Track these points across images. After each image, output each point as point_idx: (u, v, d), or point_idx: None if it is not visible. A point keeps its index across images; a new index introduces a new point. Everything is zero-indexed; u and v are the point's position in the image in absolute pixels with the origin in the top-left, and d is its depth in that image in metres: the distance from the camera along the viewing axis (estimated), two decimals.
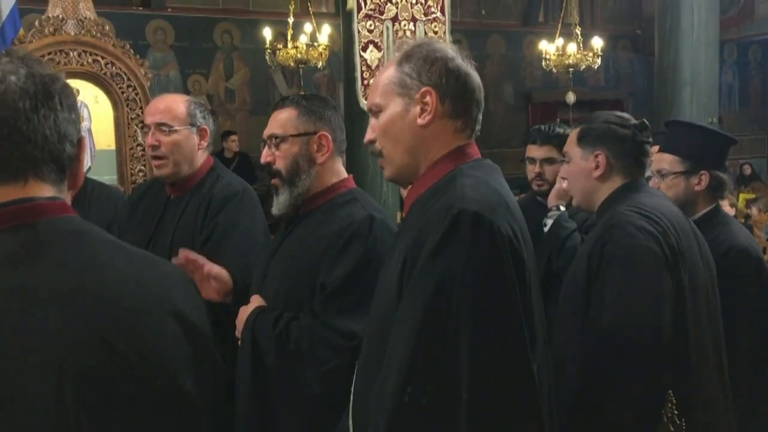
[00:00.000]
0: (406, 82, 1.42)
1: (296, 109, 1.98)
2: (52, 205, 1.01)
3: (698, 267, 1.91)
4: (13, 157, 0.98)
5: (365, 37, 5.63)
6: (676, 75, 7.43)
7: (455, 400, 1.22)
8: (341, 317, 1.79)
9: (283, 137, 1.96)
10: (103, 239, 1.06)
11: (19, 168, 0.99)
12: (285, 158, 1.96)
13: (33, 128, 0.99)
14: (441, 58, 1.43)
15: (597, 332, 1.80)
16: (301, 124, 1.96)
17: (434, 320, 1.24)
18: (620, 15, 12.49)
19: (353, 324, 1.75)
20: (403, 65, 1.44)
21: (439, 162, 1.44)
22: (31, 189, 1.00)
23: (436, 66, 1.42)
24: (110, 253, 1.04)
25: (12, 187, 0.99)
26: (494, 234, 1.27)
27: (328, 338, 1.78)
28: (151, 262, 1.10)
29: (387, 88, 1.45)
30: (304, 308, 1.86)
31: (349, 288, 1.80)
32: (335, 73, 9.57)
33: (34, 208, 0.99)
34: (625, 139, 1.97)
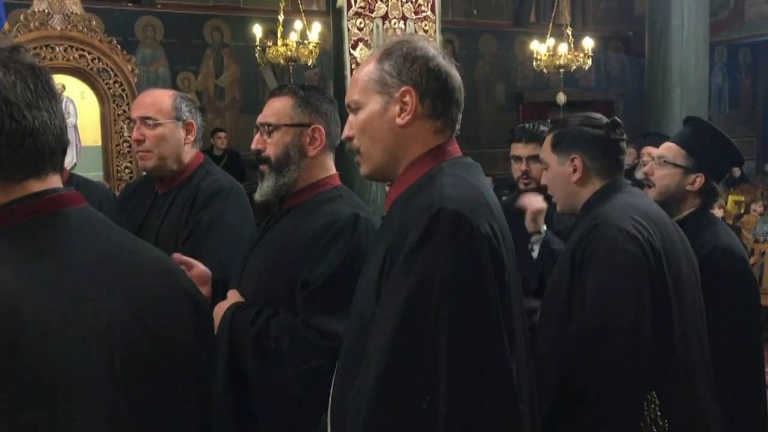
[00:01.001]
0: (386, 80, 1.40)
1: (293, 98, 1.95)
2: (71, 196, 1.06)
3: (682, 267, 1.91)
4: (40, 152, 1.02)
5: (355, 35, 5.61)
6: (666, 76, 7.45)
7: (433, 399, 1.20)
8: (323, 317, 1.76)
9: (277, 126, 1.93)
10: (115, 227, 1.13)
11: (42, 162, 1.03)
12: (276, 146, 1.93)
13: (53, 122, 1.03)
14: (422, 56, 1.40)
15: (577, 332, 1.79)
16: (296, 115, 1.93)
17: (412, 320, 1.22)
18: (611, 16, 12.52)
19: (335, 324, 1.73)
20: (383, 62, 1.41)
21: (418, 160, 1.42)
22: (50, 181, 1.04)
23: (416, 64, 1.40)
24: (125, 239, 1.13)
25: (34, 181, 1.02)
26: (473, 233, 1.25)
27: (309, 338, 1.75)
28: (155, 248, 1.22)
29: (366, 85, 1.43)
30: (285, 306, 1.82)
31: (332, 287, 1.78)
32: (326, 71, 9.54)
33: (57, 199, 1.04)
34: (598, 140, 1.96)
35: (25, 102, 0.99)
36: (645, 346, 1.74)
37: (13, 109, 0.98)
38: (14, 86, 0.98)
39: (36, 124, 1.00)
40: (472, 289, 1.24)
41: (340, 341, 1.69)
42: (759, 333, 2.23)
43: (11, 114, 0.98)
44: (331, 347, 1.72)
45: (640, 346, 1.73)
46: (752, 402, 2.18)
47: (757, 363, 2.19)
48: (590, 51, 9.08)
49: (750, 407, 2.17)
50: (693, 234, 2.09)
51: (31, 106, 1.00)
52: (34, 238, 1.00)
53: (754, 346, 2.19)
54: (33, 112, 1.00)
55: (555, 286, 1.94)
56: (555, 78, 9.96)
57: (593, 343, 1.75)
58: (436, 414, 1.20)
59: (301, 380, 1.75)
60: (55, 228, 1.02)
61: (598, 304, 1.76)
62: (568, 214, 2.14)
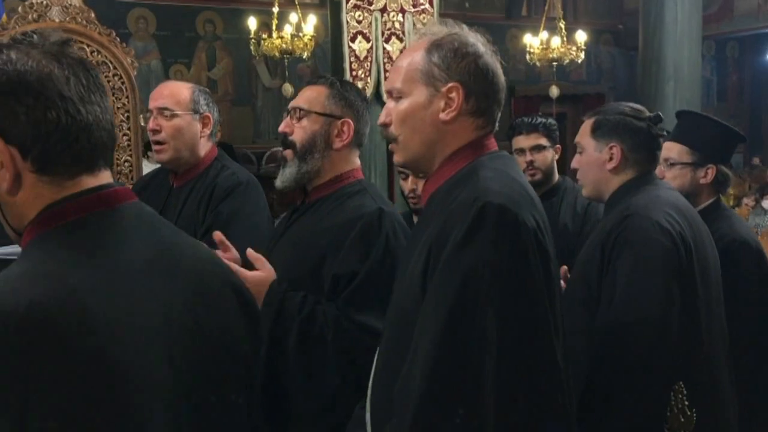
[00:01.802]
0: (434, 72, 1.39)
1: (329, 89, 1.96)
2: (125, 192, 1.07)
3: (709, 260, 1.93)
4: (93, 148, 1.02)
5: (354, 27, 5.60)
6: (660, 69, 7.49)
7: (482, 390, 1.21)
8: (364, 314, 1.78)
9: (308, 112, 1.94)
10: (164, 221, 1.15)
11: (94, 157, 1.03)
12: (304, 132, 1.94)
13: (104, 117, 1.03)
14: (472, 53, 1.40)
15: (605, 321, 1.81)
16: (328, 105, 1.95)
17: (461, 312, 1.23)
18: (602, 9, 12.55)
19: (375, 321, 1.74)
20: (432, 53, 1.40)
21: (457, 153, 1.42)
22: (102, 176, 1.05)
23: (465, 61, 1.39)
24: (173, 234, 1.14)
25: (87, 177, 1.03)
26: (519, 226, 1.26)
27: (351, 331, 1.77)
28: (198, 242, 1.22)
29: (412, 74, 1.41)
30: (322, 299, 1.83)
31: (369, 286, 1.80)
32: (319, 64, 9.50)
33: (112, 195, 1.04)
34: (639, 132, 1.97)
35: (78, 96, 0.99)
36: (671, 340, 1.76)
37: (68, 104, 0.97)
38: (68, 81, 0.98)
39: (90, 118, 1.00)
40: (520, 281, 1.25)
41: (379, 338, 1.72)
42: None
43: (66, 109, 0.97)
44: (370, 343, 1.73)
45: (666, 340, 1.75)
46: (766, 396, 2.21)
47: None
48: (583, 44, 9.10)
49: (766, 398, 2.20)
50: (710, 226, 2.11)
51: (84, 101, 0.99)
52: (92, 234, 1.00)
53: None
54: (86, 106, 0.99)
55: (580, 273, 1.96)
56: (547, 71, 9.97)
57: (622, 333, 1.77)
58: (485, 404, 1.21)
59: (340, 370, 1.77)
60: (111, 224, 1.02)
61: (627, 297, 1.78)
62: (593, 200, 2.16)
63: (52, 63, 0.98)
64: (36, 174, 0.99)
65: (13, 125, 0.96)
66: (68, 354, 0.89)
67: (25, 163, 0.98)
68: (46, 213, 1.00)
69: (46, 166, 0.99)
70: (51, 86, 0.97)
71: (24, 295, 0.89)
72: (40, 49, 0.98)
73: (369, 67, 5.63)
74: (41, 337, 0.88)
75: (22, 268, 0.97)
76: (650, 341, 1.74)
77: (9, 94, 0.95)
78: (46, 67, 0.97)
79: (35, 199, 1.00)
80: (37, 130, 0.96)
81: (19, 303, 0.88)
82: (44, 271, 0.94)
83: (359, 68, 5.59)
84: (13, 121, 0.96)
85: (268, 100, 9.68)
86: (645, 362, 1.74)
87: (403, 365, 1.31)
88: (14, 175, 0.98)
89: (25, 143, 0.97)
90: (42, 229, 1.00)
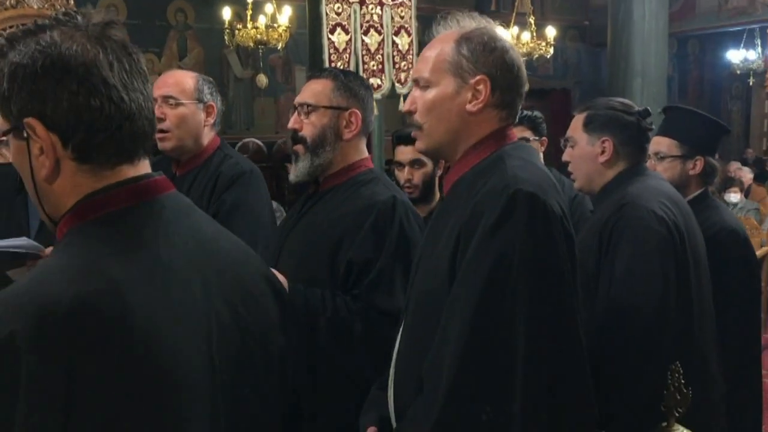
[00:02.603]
0: (462, 64, 1.44)
1: (333, 81, 1.99)
2: (164, 182, 1.03)
3: (699, 247, 2.03)
4: (135, 137, 0.98)
5: (333, 19, 5.61)
6: (628, 66, 7.66)
7: (513, 370, 1.28)
8: (384, 299, 1.83)
9: (315, 107, 1.97)
10: (201, 212, 1.11)
11: (135, 146, 0.99)
12: (313, 127, 1.97)
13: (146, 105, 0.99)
14: (500, 48, 1.45)
15: (605, 304, 1.89)
16: (335, 98, 1.98)
17: (492, 295, 1.30)
18: (569, 6, 12.75)
19: (395, 304, 1.80)
20: (462, 46, 1.45)
21: (481, 143, 1.48)
22: (142, 166, 1.01)
23: (494, 55, 1.44)
24: (209, 224, 1.11)
25: (128, 166, 0.99)
26: (548, 213, 1.33)
27: (377, 320, 1.83)
28: (230, 233, 1.16)
29: (441, 65, 1.46)
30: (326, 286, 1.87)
31: (387, 272, 1.85)
32: (291, 55, 9.48)
33: (151, 185, 1.01)
34: (630, 126, 2.06)
35: (122, 83, 0.94)
36: (669, 323, 1.86)
37: (112, 91, 0.93)
38: (111, 66, 0.94)
39: (133, 107, 0.96)
40: (549, 265, 1.32)
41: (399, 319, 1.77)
42: (759, 311, 2.39)
43: (110, 96, 0.93)
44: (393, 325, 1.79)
45: (664, 323, 1.85)
46: (751, 378, 2.33)
47: (757, 341, 2.35)
48: (552, 40, 9.26)
49: (748, 383, 2.32)
50: (699, 215, 2.22)
51: (128, 88, 0.95)
52: (132, 225, 0.97)
53: (755, 324, 2.35)
54: (130, 94, 0.95)
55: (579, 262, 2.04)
56: None
57: (621, 319, 1.86)
58: (514, 379, 1.28)
59: (373, 360, 1.79)
60: (150, 216, 0.99)
61: (626, 282, 1.87)
62: (585, 192, 2.24)
63: (96, 47, 0.93)
64: (76, 162, 0.95)
65: (54, 111, 0.92)
66: (112, 349, 0.87)
67: (65, 151, 0.94)
68: (84, 203, 0.97)
69: (86, 155, 0.95)
70: (95, 72, 0.92)
71: (68, 288, 0.86)
72: (84, 31, 0.94)
73: (348, 58, 5.65)
74: (86, 331, 0.85)
75: (62, 260, 0.94)
76: (650, 324, 1.84)
77: (52, 78, 0.91)
78: (90, 52, 0.92)
79: (73, 188, 0.97)
80: (79, 117, 0.92)
81: (63, 296, 0.85)
82: (85, 264, 0.91)
83: (338, 60, 5.61)
84: (55, 107, 0.92)
85: (240, 91, 9.62)
86: (644, 344, 1.83)
87: (429, 346, 1.37)
88: (54, 163, 0.95)
89: (67, 131, 0.93)
90: (80, 219, 0.97)
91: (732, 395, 2.17)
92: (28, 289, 0.89)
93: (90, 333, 0.85)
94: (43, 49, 0.92)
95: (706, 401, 1.99)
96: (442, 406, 1.29)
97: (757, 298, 2.37)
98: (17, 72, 0.93)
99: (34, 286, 0.90)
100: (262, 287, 1.12)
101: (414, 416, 1.37)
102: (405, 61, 5.20)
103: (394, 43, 5.14)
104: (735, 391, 2.22)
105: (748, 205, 7.66)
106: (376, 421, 1.57)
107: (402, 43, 5.25)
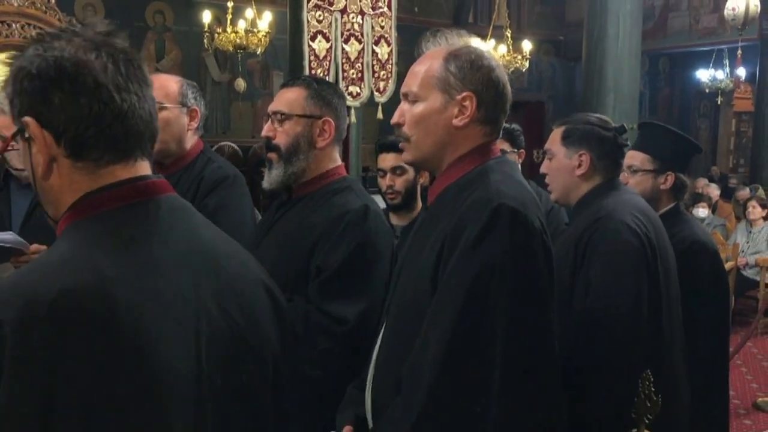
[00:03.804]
0: (450, 80, 1.48)
1: (306, 90, 2.00)
2: (162, 184, 1.06)
3: (669, 258, 2.10)
4: (127, 136, 1.01)
5: (314, 27, 5.64)
6: (602, 81, 7.81)
7: (490, 373, 1.33)
8: (335, 303, 1.84)
9: (288, 115, 1.98)
10: (198, 215, 1.12)
11: (129, 146, 1.02)
12: (287, 135, 1.97)
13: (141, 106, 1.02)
14: (486, 66, 1.50)
15: (580, 313, 1.95)
16: (308, 106, 1.98)
17: (474, 302, 1.34)
18: (545, 20, 12.96)
19: (346, 309, 1.81)
20: (450, 63, 1.49)
21: (466, 156, 1.52)
22: (140, 167, 1.04)
23: (480, 73, 1.49)
24: (207, 228, 1.12)
25: (123, 166, 1.02)
26: (529, 227, 1.38)
27: (321, 323, 1.83)
28: (227, 236, 1.17)
29: (429, 80, 1.50)
30: (298, 293, 1.88)
31: (344, 275, 1.85)
32: (270, 60, 9.50)
33: (149, 186, 1.03)
34: (606, 141, 2.13)
35: (114, 84, 0.98)
36: (642, 332, 1.92)
37: (102, 91, 0.97)
38: (105, 69, 0.98)
39: (124, 106, 0.99)
40: (529, 277, 1.37)
41: (350, 326, 1.79)
42: (728, 322, 2.46)
43: (99, 96, 0.97)
44: (341, 331, 1.81)
45: (637, 332, 1.91)
46: (720, 385, 2.41)
47: (725, 351, 2.43)
48: (528, 53, 9.41)
49: (718, 390, 2.40)
50: (670, 229, 2.29)
51: (120, 89, 0.98)
52: (127, 225, 0.99)
53: (724, 334, 2.42)
54: (122, 94, 0.99)
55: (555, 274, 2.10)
56: None
57: (595, 328, 1.91)
58: (492, 384, 1.33)
59: (316, 363, 1.81)
60: (146, 216, 1.01)
61: (600, 292, 1.92)
62: (561, 204, 2.30)
63: (91, 50, 0.98)
64: (70, 159, 0.99)
65: (48, 110, 0.97)
66: (95, 343, 0.88)
67: (59, 148, 0.98)
68: (82, 202, 1.00)
69: (79, 152, 0.99)
70: (86, 73, 0.96)
71: (55, 281, 0.89)
72: (82, 37, 0.99)
73: (328, 66, 5.69)
74: (70, 324, 0.87)
75: (55, 255, 0.96)
76: (623, 332, 1.89)
77: (46, 79, 0.96)
78: (84, 55, 0.97)
79: (71, 185, 1.00)
80: (70, 115, 0.97)
81: (50, 289, 0.88)
82: (76, 259, 0.93)
83: (318, 67, 5.65)
84: (48, 105, 0.96)
85: (217, 94, 9.62)
86: (618, 352, 1.88)
87: (410, 350, 1.40)
88: (48, 159, 0.99)
89: (59, 128, 0.97)
90: (78, 217, 1.00)
91: (701, 403, 2.24)
92: (17, 282, 0.92)
93: (73, 327, 0.87)
94: (42, 53, 0.97)
95: (673, 408, 2.05)
96: (422, 407, 1.33)
97: (726, 308, 2.44)
98: (18, 75, 0.98)
99: (24, 279, 0.93)
100: (260, 295, 1.13)
101: (392, 417, 1.41)
102: (384, 70, 5.26)
103: (373, 52, 5.19)
104: (704, 398, 2.28)
105: (715, 221, 7.85)
106: (353, 420, 1.60)
107: (382, 52, 5.31)
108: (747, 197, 8.04)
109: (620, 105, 7.75)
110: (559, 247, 2.14)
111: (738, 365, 5.78)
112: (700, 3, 11.87)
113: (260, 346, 1.09)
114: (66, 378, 0.85)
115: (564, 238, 2.19)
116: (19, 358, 0.84)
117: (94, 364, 0.87)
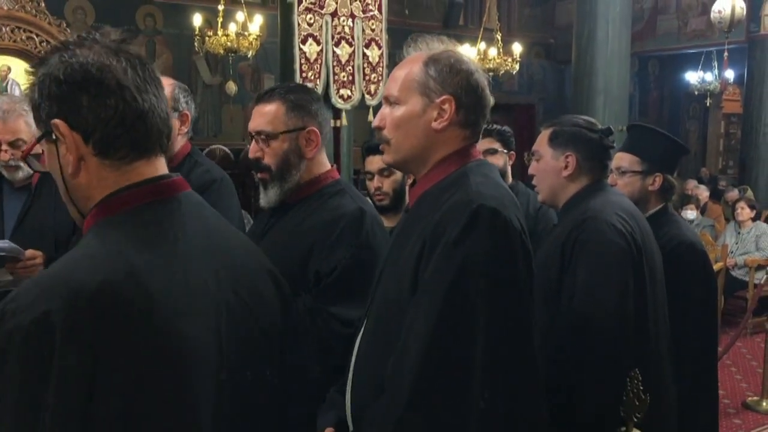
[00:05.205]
0: (429, 84, 1.49)
1: (284, 103, 1.96)
2: (181, 182, 1.15)
3: (655, 259, 2.12)
4: (149, 134, 1.09)
5: (305, 30, 5.65)
6: (592, 84, 7.88)
7: (470, 374, 1.34)
8: (339, 306, 1.86)
9: (273, 134, 1.95)
10: (212, 210, 1.22)
11: (150, 143, 1.10)
12: (275, 155, 1.95)
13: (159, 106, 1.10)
14: (465, 70, 1.51)
15: (567, 313, 1.97)
16: (290, 120, 1.95)
17: (454, 302, 1.36)
18: (535, 23, 13.02)
19: (351, 312, 1.82)
20: (430, 67, 1.50)
21: (446, 159, 1.54)
22: (158, 163, 1.12)
23: (459, 77, 1.50)
24: (219, 221, 1.22)
25: (145, 163, 1.10)
26: (508, 228, 1.40)
27: (328, 321, 1.86)
28: (236, 229, 1.29)
29: (409, 84, 1.51)
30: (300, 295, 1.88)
31: (345, 279, 1.87)
32: (261, 63, 9.50)
33: (171, 184, 1.12)
34: (593, 143, 2.15)
35: (135, 85, 1.06)
36: (628, 331, 1.94)
37: (125, 92, 1.05)
38: (125, 71, 1.06)
39: (146, 106, 1.07)
40: (508, 277, 1.39)
41: (354, 329, 1.80)
42: (716, 321, 2.49)
43: (123, 96, 1.05)
44: (346, 333, 1.80)
45: (623, 331, 1.93)
46: (708, 382, 2.43)
47: (714, 350, 2.45)
48: (518, 56, 9.45)
49: (705, 388, 2.42)
50: (659, 230, 2.31)
51: (141, 90, 1.07)
52: (152, 219, 1.08)
53: (712, 333, 2.45)
54: (142, 95, 1.07)
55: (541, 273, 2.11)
56: None
57: (582, 327, 1.93)
58: (472, 384, 1.34)
59: (318, 360, 1.82)
60: (169, 212, 1.10)
61: (587, 291, 1.95)
62: (548, 204, 2.32)
63: (111, 56, 1.06)
64: (97, 158, 1.06)
65: (77, 112, 1.04)
66: (133, 332, 0.95)
67: (87, 147, 1.06)
68: (110, 199, 1.07)
69: (106, 150, 1.06)
70: (110, 76, 1.04)
71: (93, 273, 0.96)
72: (101, 44, 1.07)
73: (318, 69, 5.70)
74: (110, 314, 0.94)
75: (88, 249, 1.03)
76: (610, 332, 1.91)
77: (74, 84, 1.04)
78: (106, 59, 1.05)
79: (99, 181, 1.07)
80: (97, 115, 1.04)
81: (87, 280, 0.94)
82: (109, 252, 1.00)
83: (309, 70, 5.66)
84: (77, 108, 1.04)
85: (208, 97, 9.61)
86: (606, 352, 1.90)
87: (389, 352, 1.41)
88: (77, 158, 1.06)
89: (87, 128, 1.05)
90: (105, 213, 1.07)
91: (689, 402, 2.26)
92: (57, 274, 0.98)
93: (114, 316, 0.94)
94: (66, 60, 1.05)
95: (660, 406, 2.08)
96: (403, 409, 1.34)
97: (713, 307, 2.46)
98: (45, 81, 1.06)
99: (65, 271, 0.99)
100: (265, 280, 1.23)
101: (373, 419, 1.42)
102: (375, 73, 5.27)
103: (364, 55, 5.21)
104: (693, 398, 2.31)
105: (704, 221, 7.91)
106: (335, 423, 1.60)
107: (372, 55, 5.33)
108: (736, 198, 8.09)
109: (610, 107, 7.82)
110: (546, 247, 2.17)
111: (728, 365, 5.82)
112: (688, 6, 11.96)
113: (270, 329, 1.20)
114: (106, 367, 0.92)
115: (552, 238, 2.21)
116: (66, 349, 0.90)
117: (131, 352, 0.95)
